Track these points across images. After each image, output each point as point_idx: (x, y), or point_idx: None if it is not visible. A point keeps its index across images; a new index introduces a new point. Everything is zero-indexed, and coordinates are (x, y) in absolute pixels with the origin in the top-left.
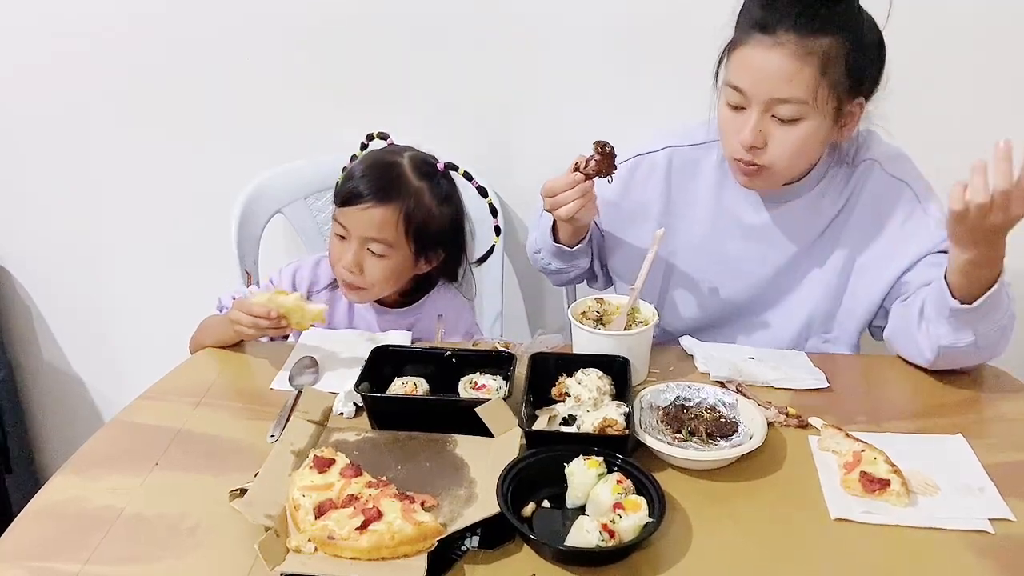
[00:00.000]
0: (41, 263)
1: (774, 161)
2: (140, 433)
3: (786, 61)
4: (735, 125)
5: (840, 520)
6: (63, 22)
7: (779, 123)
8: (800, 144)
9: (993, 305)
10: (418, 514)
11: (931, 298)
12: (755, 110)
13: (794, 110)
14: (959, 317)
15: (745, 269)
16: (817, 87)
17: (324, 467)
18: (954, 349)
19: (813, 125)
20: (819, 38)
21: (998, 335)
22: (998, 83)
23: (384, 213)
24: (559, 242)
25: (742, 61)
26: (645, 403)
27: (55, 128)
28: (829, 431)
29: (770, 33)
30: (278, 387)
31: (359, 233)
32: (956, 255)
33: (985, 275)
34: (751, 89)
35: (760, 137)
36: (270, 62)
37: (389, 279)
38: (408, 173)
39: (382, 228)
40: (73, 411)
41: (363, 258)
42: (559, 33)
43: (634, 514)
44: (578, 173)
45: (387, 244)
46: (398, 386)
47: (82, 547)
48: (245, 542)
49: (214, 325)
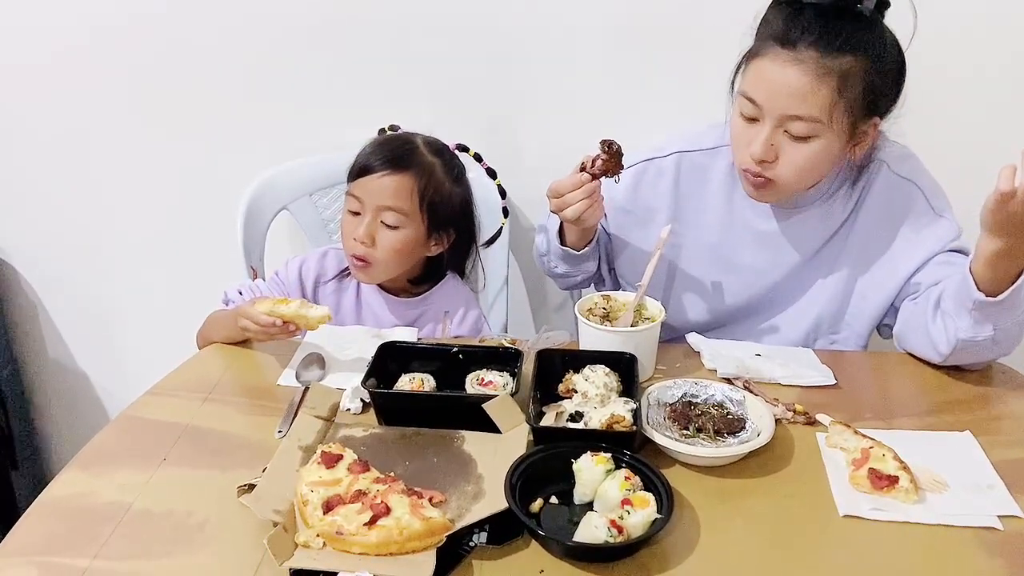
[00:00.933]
0: (46, 260)
1: (783, 176)
2: (148, 429)
3: (804, 78)
4: (747, 136)
5: (848, 517)
6: (66, 19)
7: (791, 139)
8: (810, 161)
9: (1017, 298)
10: (426, 510)
11: (951, 291)
12: (768, 124)
13: (807, 128)
14: (982, 310)
15: (754, 274)
16: (833, 107)
17: (332, 463)
18: (972, 343)
19: (825, 144)
20: (840, 57)
21: (1017, 331)
22: (1002, 82)
23: (400, 180)
24: (566, 245)
25: (759, 73)
26: (652, 400)
27: (60, 125)
28: (837, 428)
29: (790, 48)
30: (285, 383)
31: (374, 202)
32: (986, 243)
33: (1012, 267)
34: (766, 103)
35: (771, 152)
36: (275, 59)
37: (400, 253)
38: (422, 148)
39: (397, 195)
40: (79, 407)
41: (376, 230)
42: (564, 33)
43: (642, 510)
44: (584, 173)
45: (401, 213)
46: (405, 382)
47: (91, 542)
48: (254, 538)
49: (221, 321)
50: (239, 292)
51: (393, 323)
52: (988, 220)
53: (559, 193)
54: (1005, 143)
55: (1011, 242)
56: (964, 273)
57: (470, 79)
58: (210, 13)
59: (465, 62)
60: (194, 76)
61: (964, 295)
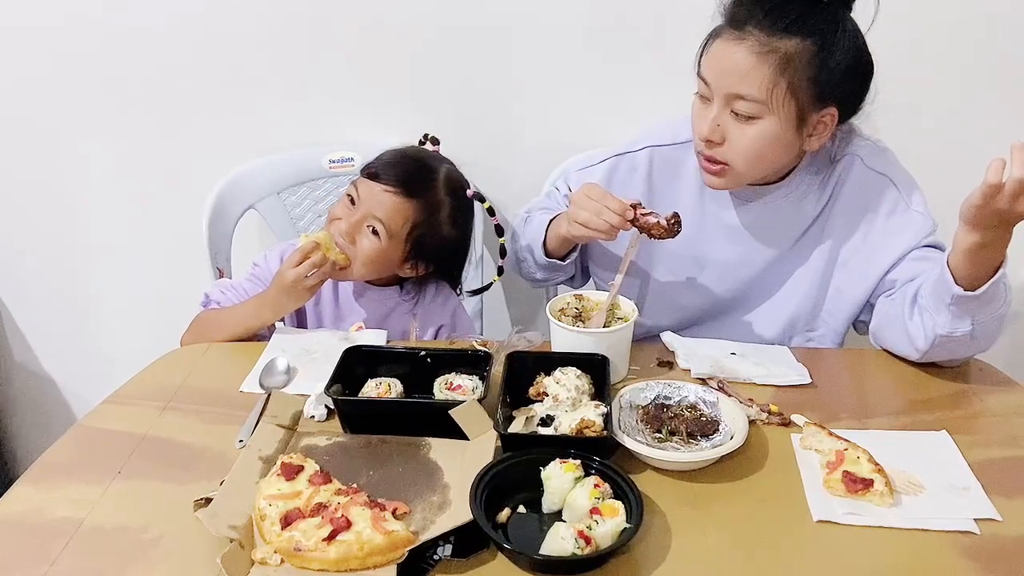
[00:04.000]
0: (10, 260)
1: (732, 159)
2: (103, 439)
3: (746, 56)
4: (701, 118)
5: (822, 522)
6: (33, 17)
7: (736, 119)
8: (757, 144)
9: (995, 293)
10: (388, 523)
11: (928, 286)
12: (716, 103)
13: (750, 107)
14: (961, 305)
15: (728, 269)
16: (773, 87)
17: (292, 474)
18: (950, 339)
19: (770, 126)
20: (785, 38)
21: (995, 325)
22: (974, 77)
23: (400, 204)
24: (551, 255)
25: (711, 53)
26: (625, 402)
27: (25, 123)
28: (811, 429)
29: (738, 28)
30: (248, 389)
31: (368, 207)
32: (965, 237)
33: (991, 260)
34: (714, 82)
35: (717, 132)
36: (241, 56)
37: (374, 262)
38: (439, 183)
39: (391, 215)
40: (46, 413)
41: (359, 231)
42: (543, 36)
43: (611, 519)
44: (631, 212)
45: (387, 231)
46: (371, 388)
47: (40, 561)
48: (210, 554)
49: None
50: (222, 292)
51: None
52: (971, 214)
53: (600, 199)
54: (976, 140)
55: (990, 235)
56: (942, 268)
57: (451, 77)
58: (175, 10)
59: (438, 60)
60: (159, 75)
61: (942, 290)
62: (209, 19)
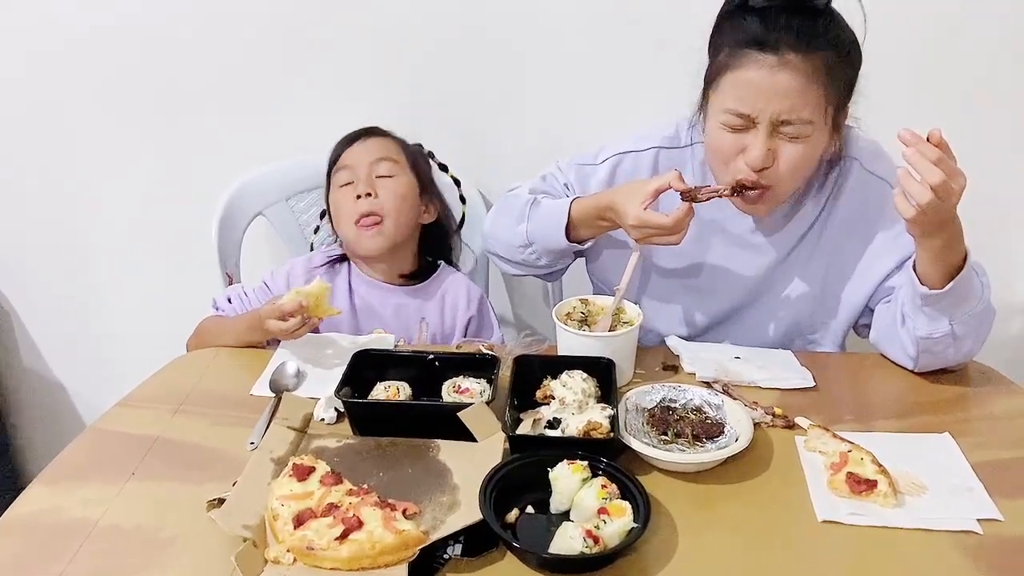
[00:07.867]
0: (20, 267)
1: (781, 179)
2: (117, 441)
3: (793, 79)
4: (736, 148)
5: (827, 522)
6: (43, 21)
7: (787, 141)
8: (804, 162)
9: (965, 288)
10: (399, 522)
11: (905, 293)
12: (763, 131)
13: (800, 128)
14: (933, 305)
15: (729, 275)
16: (824, 104)
17: (304, 475)
18: (932, 340)
19: (817, 141)
20: (818, 53)
21: (975, 323)
22: (974, 77)
23: (382, 140)
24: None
25: (745, 84)
26: (631, 405)
27: (35, 129)
28: (816, 431)
29: (772, 51)
30: (258, 393)
31: (367, 159)
32: (925, 247)
33: (953, 255)
34: (759, 112)
35: (771, 157)
36: (250, 63)
37: (405, 200)
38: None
39: (385, 148)
40: (56, 418)
41: (374, 184)
42: (544, 37)
43: (619, 519)
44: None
45: (393, 161)
46: (380, 391)
47: (55, 560)
48: (224, 553)
49: (228, 326)
50: (228, 300)
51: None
52: (915, 232)
53: (657, 228)
54: (977, 140)
55: (944, 232)
56: (910, 273)
57: (447, 79)
58: (185, 16)
59: (441, 63)
60: (169, 80)
61: (914, 294)
62: (220, 27)
